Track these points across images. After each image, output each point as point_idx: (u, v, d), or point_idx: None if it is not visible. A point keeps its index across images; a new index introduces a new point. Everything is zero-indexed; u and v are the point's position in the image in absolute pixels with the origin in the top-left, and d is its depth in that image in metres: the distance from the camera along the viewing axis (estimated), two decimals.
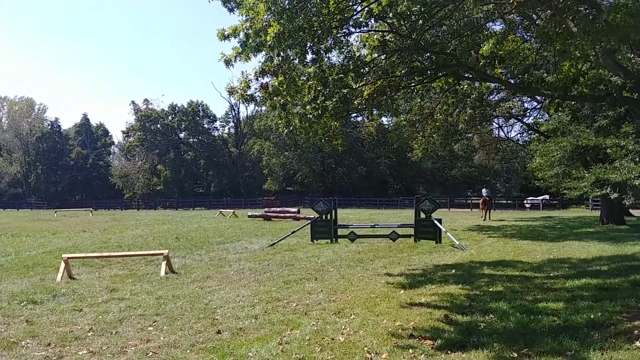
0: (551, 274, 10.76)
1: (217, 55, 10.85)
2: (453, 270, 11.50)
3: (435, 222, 17.38)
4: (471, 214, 39.38)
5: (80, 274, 12.62)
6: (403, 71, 13.11)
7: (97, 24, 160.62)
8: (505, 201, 59.69)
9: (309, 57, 10.93)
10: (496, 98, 30.56)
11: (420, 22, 11.58)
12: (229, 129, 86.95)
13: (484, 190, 35.90)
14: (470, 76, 15.00)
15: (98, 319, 7.91)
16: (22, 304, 9.08)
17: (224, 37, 10.38)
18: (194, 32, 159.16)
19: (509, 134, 54.33)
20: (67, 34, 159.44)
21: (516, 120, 42.30)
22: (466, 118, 27.39)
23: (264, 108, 61.01)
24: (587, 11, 8.82)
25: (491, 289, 9.27)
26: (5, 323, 7.78)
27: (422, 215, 17.92)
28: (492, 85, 24.20)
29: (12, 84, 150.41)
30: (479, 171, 64.02)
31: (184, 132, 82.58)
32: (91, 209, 55.55)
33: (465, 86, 21.86)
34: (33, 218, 43.50)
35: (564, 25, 9.49)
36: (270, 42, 9.46)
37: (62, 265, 11.91)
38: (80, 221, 37.39)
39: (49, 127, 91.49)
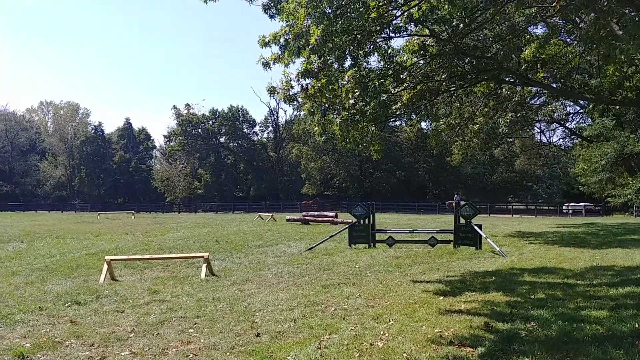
0: (594, 282, 10.52)
1: (257, 59, 10.93)
2: (493, 277, 11.34)
3: (475, 227, 17.16)
4: (512, 220, 38.74)
5: (123, 275, 12.84)
6: (443, 76, 13.03)
7: (140, 29, 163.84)
8: (546, 207, 58.64)
9: (348, 62, 10.96)
10: (538, 102, 30.14)
11: (461, 26, 11.50)
12: (268, 133, 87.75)
13: (455, 196, 47.89)
14: (512, 80, 14.85)
15: (140, 321, 8.01)
16: (66, 305, 9.24)
17: (265, 44, 10.49)
18: (235, 37, 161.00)
19: (551, 138, 53.55)
20: (111, 40, 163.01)
21: (558, 125, 41.67)
22: (507, 122, 27.06)
23: (302, 112, 61.29)
24: (632, 14, 8.63)
25: (532, 297, 9.11)
26: (50, 323, 7.91)
27: (462, 221, 17.72)
28: (534, 89, 23.82)
29: (58, 89, 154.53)
30: (520, 176, 63.09)
31: (224, 137, 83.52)
32: (133, 212, 56.58)
33: (507, 90, 21.58)
34: (77, 220, 44.44)
35: (608, 29, 9.32)
36: (313, 45, 9.51)
37: (105, 267, 12.13)
38: (122, 224, 38.06)
39: (93, 131, 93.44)
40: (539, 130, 51.95)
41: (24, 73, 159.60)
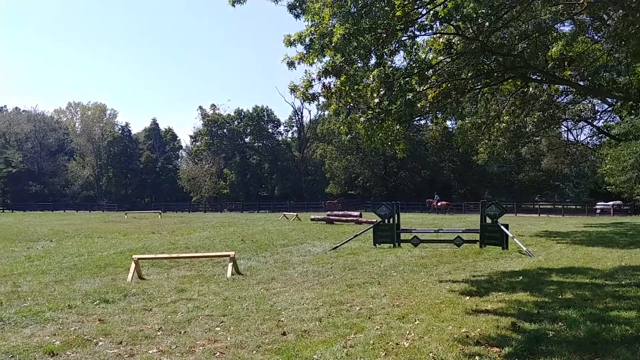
0: (623, 282, 10.36)
1: (281, 60, 10.96)
2: (520, 277, 11.23)
3: (502, 227, 17.01)
4: (539, 220, 38.31)
5: (150, 274, 12.98)
6: (469, 74, 12.93)
7: (167, 31, 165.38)
8: (574, 206, 57.85)
9: (372, 60, 10.94)
10: (565, 100, 29.76)
11: (487, 24, 11.41)
12: (292, 133, 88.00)
13: (436, 196, 54.16)
14: (539, 78, 14.68)
15: (167, 319, 8.10)
16: (94, 303, 9.37)
17: (290, 43, 10.52)
18: (260, 38, 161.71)
19: (578, 137, 52.80)
20: (138, 41, 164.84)
21: (586, 123, 41.13)
22: (534, 120, 26.77)
23: (327, 112, 61.34)
24: None
25: (560, 297, 9.01)
26: (79, 321, 8.03)
27: (488, 221, 17.58)
28: (561, 87, 23.56)
29: (85, 90, 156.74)
30: (547, 175, 62.31)
31: (249, 137, 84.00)
32: (160, 211, 57.18)
33: (533, 89, 21.35)
34: (104, 220, 45.03)
35: (637, 25, 9.17)
36: (335, 43, 9.51)
37: (133, 265, 12.28)
38: (149, 223, 38.47)
39: (120, 132, 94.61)
40: (566, 129, 51.34)
41: (52, 74, 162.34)
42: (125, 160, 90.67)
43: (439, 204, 52.37)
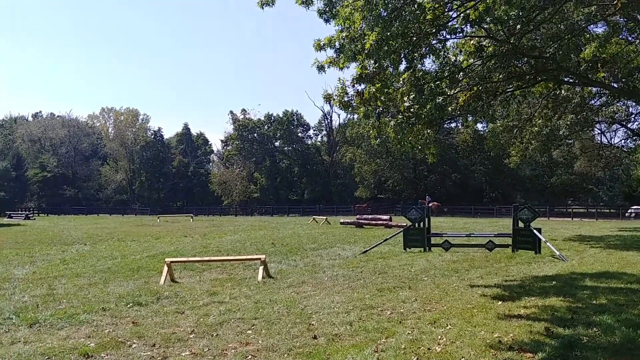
0: None
1: (311, 64, 11.02)
2: (553, 282, 11.09)
3: (535, 231, 16.80)
4: (572, 224, 37.73)
5: (182, 277, 13.11)
6: (500, 76, 12.82)
7: (196, 35, 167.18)
8: (608, 210, 56.83)
9: (403, 65, 10.92)
10: (598, 103, 29.28)
11: (519, 26, 11.31)
12: (321, 137, 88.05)
13: (427, 197, 53.85)
14: (571, 80, 14.50)
15: (199, 322, 8.18)
16: (128, 306, 9.50)
17: (320, 47, 10.57)
18: (289, 42, 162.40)
19: (612, 140, 51.74)
20: (169, 47, 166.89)
21: (620, 126, 40.32)
22: (567, 123, 26.42)
23: (356, 116, 61.29)
24: None
25: (594, 302, 8.88)
26: (113, 323, 8.17)
27: (521, 225, 17.38)
28: (594, 89, 23.18)
29: (118, 95, 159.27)
30: (580, 179, 61.31)
31: (279, 141, 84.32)
32: (192, 215, 57.72)
33: (566, 91, 21.06)
34: (137, 223, 45.66)
35: None
36: (368, 50, 9.52)
37: (165, 269, 12.41)
38: (181, 226, 38.90)
39: (152, 137, 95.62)
40: (599, 132, 50.44)
41: (86, 80, 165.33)
42: (157, 165, 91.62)
43: (430, 204, 51.79)
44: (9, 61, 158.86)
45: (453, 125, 62.34)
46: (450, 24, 10.61)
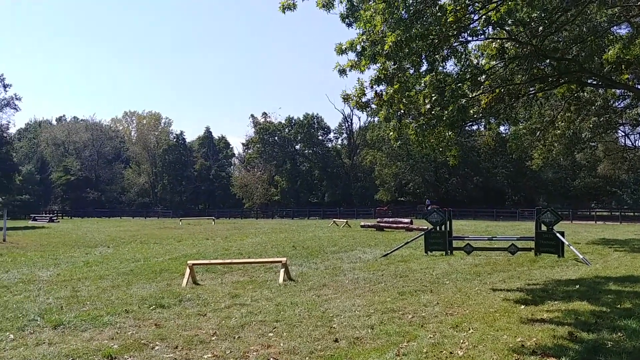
0: None
1: (332, 68, 11.04)
2: (577, 286, 10.96)
3: (558, 234, 16.63)
4: (595, 227, 37.26)
5: (204, 279, 13.19)
6: (523, 78, 12.73)
7: (217, 40, 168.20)
8: (632, 213, 56.02)
9: (424, 67, 10.88)
10: (622, 105, 28.93)
11: (541, 28, 11.22)
12: (342, 140, 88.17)
13: (427, 201, 54.44)
14: (594, 82, 14.33)
15: (221, 324, 8.22)
16: (151, 308, 9.57)
17: (342, 51, 10.58)
18: (309, 46, 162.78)
19: (637, 142, 51.07)
20: (191, 50, 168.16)
21: None
22: (590, 126, 26.13)
23: (376, 119, 61.24)
24: None
25: (619, 306, 8.76)
26: (136, 325, 8.23)
27: (544, 228, 17.21)
28: (618, 91, 22.89)
29: (140, 99, 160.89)
30: (604, 181, 60.59)
31: (299, 144, 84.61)
32: (213, 218, 57.98)
33: (588, 93, 20.84)
34: (159, 226, 46.03)
35: None
36: (387, 51, 9.51)
37: (187, 271, 12.50)
38: (203, 229, 39.15)
39: (175, 140, 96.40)
40: (623, 134, 49.85)
41: (109, 84, 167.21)
42: (179, 168, 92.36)
43: (429, 208, 51.96)
44: (35, 66, 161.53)
45: (475, 127, 61.90)
46: (471, 26, 10.57)
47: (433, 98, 11.11)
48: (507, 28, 11.26)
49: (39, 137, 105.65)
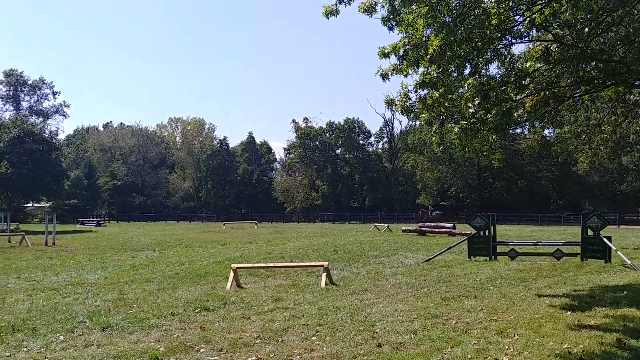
0: None
1: (372, 72, 11.05)
2: (625, 292, 10.72)
3: (605, 239, 16.27)
4: None
5: (248, 283, 13.33)
6: (568, 81, 12.51)
7: (259, 46, 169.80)
8: None
9: (467, 70, 10.79)
10: None
11: (587, 29, 11.02)
12: (383, 144, 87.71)
13: (429, 207, 57.04)
14: None
15: (265, 327, 8.29)
16: (196, 311, 9.72)
17: (384, 55, 10.56)
18: (349, 50, 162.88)
19: None
20: (232, 57, 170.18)
21: None
22: (637, 129, 25.50)
23: (418, 123, 60.79)
24: None
25: None
26: (181, 328, 8.37)
27: (590, 233, 16.86)
28: None
29: (185, 105, 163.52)
30: None
31: (340, 149, 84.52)
32: (256, 222, 58.55)
33: (636, 96, 20.31)
34: (204, 230, 46.63)
35: None
36: (431, 55, 9.48)
37: (231, 274, 12.65)
38: (246, 233, 39.54)
39: (218, 145, 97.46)
40: None
41: (154, 91, 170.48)
42: (223, 173, 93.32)
43: (432, 213, 53.57)
44: (82, 72, 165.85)
45: (519, 131, 60.90)
46: (515, 28, 10.45)
47: (476, 101, 11.01)
48: (552, 30, 11.09)
49: (86, 143, 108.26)
